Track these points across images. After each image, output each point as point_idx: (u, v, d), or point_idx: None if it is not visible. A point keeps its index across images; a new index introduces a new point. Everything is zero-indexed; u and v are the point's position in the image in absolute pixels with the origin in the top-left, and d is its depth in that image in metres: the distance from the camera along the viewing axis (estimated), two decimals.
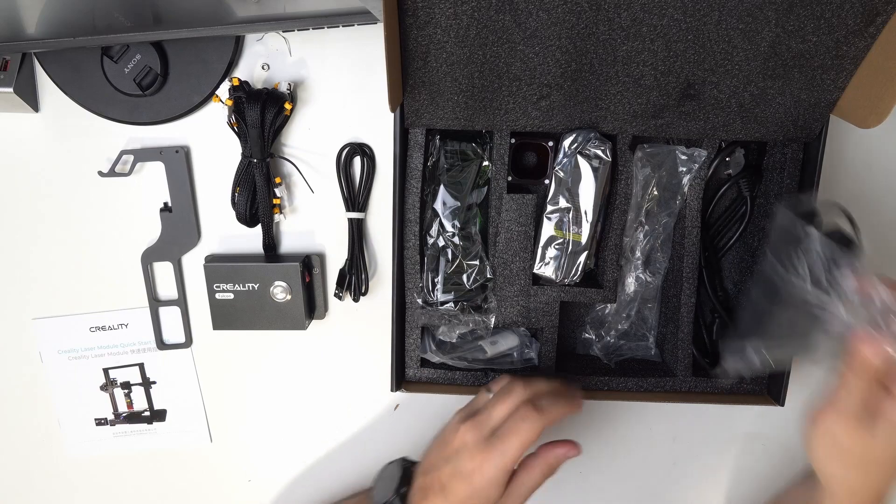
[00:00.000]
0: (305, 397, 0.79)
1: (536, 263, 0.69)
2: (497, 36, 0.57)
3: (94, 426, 0.81)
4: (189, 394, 0.80)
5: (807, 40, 0.57)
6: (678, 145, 0.68)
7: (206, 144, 0.72)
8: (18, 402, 0.80)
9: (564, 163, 0.66)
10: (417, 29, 0.57)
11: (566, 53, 0.58)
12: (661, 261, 0.72)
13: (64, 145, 0.72)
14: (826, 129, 0.63)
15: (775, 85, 0.60)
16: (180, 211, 0.73)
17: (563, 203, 0.67)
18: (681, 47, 0.57)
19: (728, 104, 0.61)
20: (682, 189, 0.68)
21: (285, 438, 0.81)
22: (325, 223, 0.74)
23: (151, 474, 0.83)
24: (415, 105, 0.63)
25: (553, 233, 0.68)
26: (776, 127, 0.63)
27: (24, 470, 0.82)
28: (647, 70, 0.59)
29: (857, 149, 0.72)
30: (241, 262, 0.71)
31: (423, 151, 0.66)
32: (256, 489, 0.83)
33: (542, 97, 0.62)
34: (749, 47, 0.57)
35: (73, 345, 0.78)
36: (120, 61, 0.67)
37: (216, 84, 0.69)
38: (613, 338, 0.75)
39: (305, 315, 0.73)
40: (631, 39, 0.57)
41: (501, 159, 0.67)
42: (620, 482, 0.83)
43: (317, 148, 0.72)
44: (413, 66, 0.59)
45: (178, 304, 0.76)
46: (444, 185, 0.68)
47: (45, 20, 0.63)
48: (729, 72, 0.59)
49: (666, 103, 0.61)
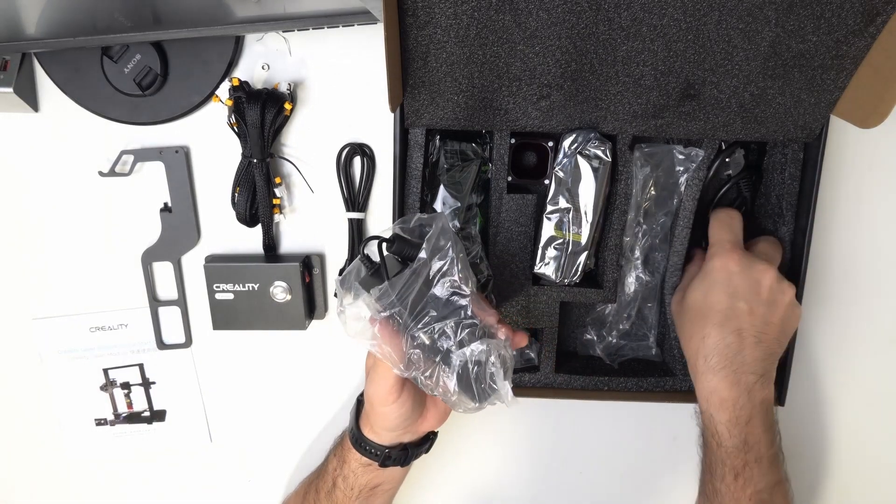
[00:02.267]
0: (305, 397, 0.79)
1: (536, 263, 0.69)
2: (497, 36, 0.57)
3: (94, 426, 0.81)
4: (189, 394, 0.80)
5: (807, 40, 0.56)
6: (676, 145, 0.68)
7: (206, 144, 0.72)
8: (18, 403, 0.80)
9: (564, 163, 0.66)
10: (417, 29, 0.56)
11: (566, 53, 0.58)
12: (659, 260, 0.72)
13: (64, 145, 0.72)
14: (826, 129, 0.63)
15: (775, 85, 0.60)
16: (180, 211, 0.73)
17: (563, 203, 0.67)
18: (681, 47, 0.57)
19: (728, 104, 0.61)
20: (679, 188, 0.68)
21: (285, 438, 0.81)
22: (325, 223, 0.74)
23: (151, 474, 0.83)
24: (415, 105, 0.63)
25: (553, 233, 0.67)
26: (776, 127, 0.63)
27: (25, 470, 0.82)
28: (647, 70, 0.59)
29: (858, 149, 0.72)
30: (241, 263, 0.71)
31: (423, 152, 0.66)
32: (256, 489, 0.83)
33: (542, 97, 0.62)
34: (749, 47, 0.57)
35: (73, 345, 0.78)
36: (120, 61, 0.67)
37: (216, 84, 0.69)
38: (615, 338, 0.75)
39: (305, 315, 0.73)
40: (631, 39, 0.57)
41: (501, 159, 0.67)
42: (620, 481, 0.83)
43: (317, 148, 0.72)
44: (413, 65, 0.59)
45: (177, 305, 0.76)
46: (444, 185, 0.68)
47: (45, 20, 0.63)
48: (729, 72, 0.59)
49: (666, 103, 0.61)
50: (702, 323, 0.62)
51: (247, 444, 0.81)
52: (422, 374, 0.54)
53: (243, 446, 0.81)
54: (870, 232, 0.74)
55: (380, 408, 0.60)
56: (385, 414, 0.60)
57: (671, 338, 0.71)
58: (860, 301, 0.77)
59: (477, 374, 0.54)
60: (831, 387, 0.79)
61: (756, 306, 0.61)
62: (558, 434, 0.81)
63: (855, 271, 0.76)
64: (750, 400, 0.60)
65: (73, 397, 0.79)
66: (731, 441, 0.61)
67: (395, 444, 0.63)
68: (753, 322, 0.61)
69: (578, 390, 0.73)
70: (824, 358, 0.78)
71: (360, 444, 0.63)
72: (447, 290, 0.54)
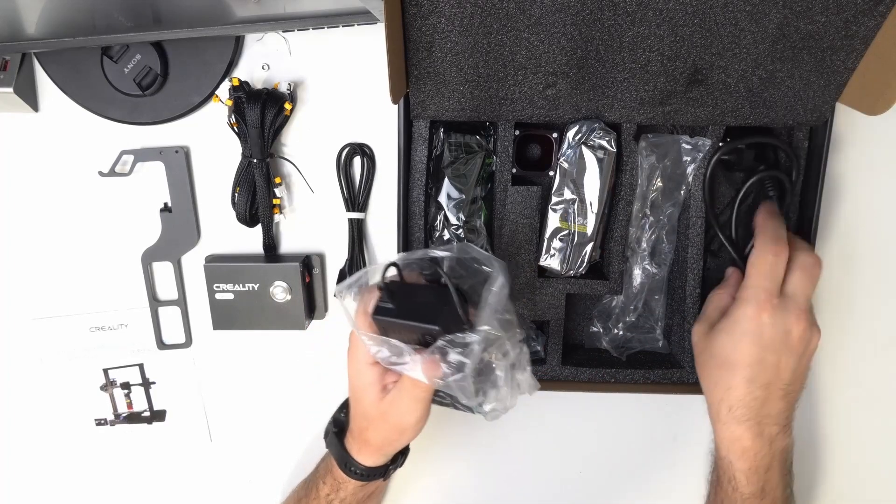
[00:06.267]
0: (305, 397, 0.79)
1: (542, 255, 0.68)
2: (501, 24, 0.57)
3: (94, 426, 0.80)
4: (189, 394, 0.79)
5: (815, 21, 0.56)
6: (682, 135, 0.67)
7: (206, 144, 0.72)
8: (18, 403, 0.80)
9: (569, 154, 0.65)
10: (421, 18, 0.56)
11: (571, 40, 0.58)
12: (666, 252, 0.71)
13: (64, 145, 0.72)
14: (832, 116, 0.63)
15: (784, 68, 0.59)
16: (180, 211, 0.73)
17: (568, 194, 0.66)
18: (687, 31, 0.57)
19: (736, 89, 0.60)
20: (687, 179, 0.68)
21: (285, 438, 0.81)
22: (325, 223, 0.74)
23: (151, 474, 0.82)
24: (420, 96, 0.62)
25: (558, 224, 0.67)
26: (785, 111, 0.62)
27: (25, 470, 0.82)
28: (654, 55, 0.58)
29: (864, 136, 0.71)
30: (241, 263, 0.71)
31: (427, 144, 0.66)
32: (256, 489, 0.82)
33: (548, 86, 0.61)
34: (757, 30, 0.56)
35: (73, 345, 0.77)
36: (120, 61, 0.67)
37: (216, 84, 0.69)
38: (621, 330, 0.74)
39: (305, 315, 0.73)
40: (637, 24, 0.56)
41: (506, 151, 0.66)
42: (620, 481, 0.82)
43: (317, 148, 0.72)
44: (417, 56, 0.59)
45: (177, 305, 0.76)
46: (448, 178, 0.68)
47: (45, 20, 0.63)
48: (737, 55, 0.58)
49: (673, 89, 0.61)
50: (729, 374, 0.60)
51: (247, 444, 0.81)
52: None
53: (243, 446, 0.81)
54: (875, 221, 0.74)
55: (411, 435, 0.60)
56: (409, 439, 0.61)
57: (678, 330, 0.71)
58: (862, 297, 0.76)
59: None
60: (831, 386, 0.79)
61: (786, 359, 0.59)
62: (558, 429, 0.81)
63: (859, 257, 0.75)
64: (771, 450, 0.60)
65: (73, 397, 0.79)
66: (749, 488, 0.61)
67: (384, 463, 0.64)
68: (781, 375, 0.60)
69: (585, 382, 0.72)
70: (824, 357, 0.77)
71: (352, 471, 0.63)
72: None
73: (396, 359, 0.52)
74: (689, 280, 0.69)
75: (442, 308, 0.51)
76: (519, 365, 0.55)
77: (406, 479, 0.71)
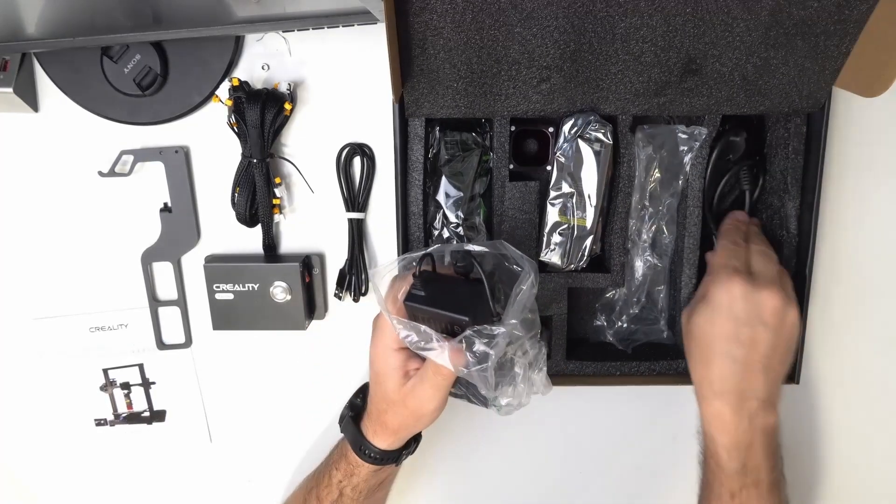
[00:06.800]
0: (305, 397, 0.79)
1: (542, 250, 0.68)
2: (493, 19, 0.57)
3: (94, 426, 0.80)
4: (189, 394, 0.79)
5: (808, 6, 0.56)
6: (678, 125, 0.67)
7: (205, 144, 0.72)
8: (18, 403, 0.80)
9: (565, 148, 0.65)
10: (413, 15, 0.56)
11: (564, 33, 0.58)
12: (667, 242, 0.71)
13: (64, 145, 0.73)
14: (829, 100, 0.63)
15: (778, 55, 0.59)
16: (180, 211, 0.73)
17: (566, 188, 0.66)
18: (680, 21, 0.57)
19: (731, 77, 0.60)
20: (684, 168, 0.67)
21: (285, 438, 0.80)
22: (325, 223, 0.74)
23: (151, 474, 0.82)
24: (414, 94, 0.62)
25: (557, 218, 0.67)
26: (781, 98, 0.62)
27: (25, 470, 0.82)
28: (647, 46, 0.58)
29: (862, 119, 0.70)
30: (241, 263, 0.71)
31: (424, 143, 0.66)
32: (256, 489, 0.82)
33: (542, 80, 0.61)
34: (749, 17, 0.56)
35: (73, 345, 0.77)
36: (120, 61, 0.67)
37: (216, 84, 0.69)
38: (626, 323, 0.74)
39: (305, 315, 0.72)
40: (629, 15, 0.56)
41: (502, 147, 0.66)
42: (620, 481, 0.82)
43: (317, 148, 0.72)
44: (411, 54, 0.59)
45: (177, 305, 0.76)
46: (445, 176, 0.68)
47: (45, 20, 0.63)
48: (730, 44, 0.58)
49: (668, 80, 0.61)
50: (708, 350, 0.62)
51: (247, 444, 0.81)
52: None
53: (243, 446, 0.81)
54: (876, 205, 0.73)
55: (427, 422, 0.61)
56: (424, 426, 0.62)
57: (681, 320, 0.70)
58: (865, 294, 0.75)
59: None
60: (831, 386, 0.78)
61: (762, 332, 0.60)
62: (558, 426, 0.80)
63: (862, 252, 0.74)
64: (751, 425, 0.61)
65: (73, 397, 0.79)
66: (731, 465, 0.61)
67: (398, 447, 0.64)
68: (758, 349, 0.60)
69: (590, 376, 0.71)
70: (824, 357, 0.77)
71: (366, 454, 0.63)
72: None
73: (424, 344, 0.53)
74: (685, 270, 0.69)
75: (472, 300, 0.52)
76: (536, 364, 0.56)
77: (411, 470, 0.70)
